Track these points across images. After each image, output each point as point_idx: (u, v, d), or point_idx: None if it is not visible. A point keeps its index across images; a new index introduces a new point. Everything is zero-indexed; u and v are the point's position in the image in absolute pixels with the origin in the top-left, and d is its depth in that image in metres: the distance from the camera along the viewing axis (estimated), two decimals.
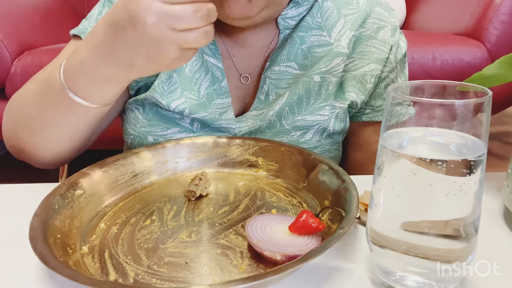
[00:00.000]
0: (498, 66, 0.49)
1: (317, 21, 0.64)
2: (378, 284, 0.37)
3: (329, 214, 0.45)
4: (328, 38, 0.64)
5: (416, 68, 1.36)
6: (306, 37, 0.64)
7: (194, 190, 0.51)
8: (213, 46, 0.65)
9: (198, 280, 0.38)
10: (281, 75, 0.64)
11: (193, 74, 0.64)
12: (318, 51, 0.64)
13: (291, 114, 0.64)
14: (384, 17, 0.65)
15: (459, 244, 0.34)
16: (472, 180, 0.32)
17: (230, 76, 0.66)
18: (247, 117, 0.65)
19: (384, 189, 0.35)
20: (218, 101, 0.65)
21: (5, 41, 1.48)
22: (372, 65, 0.64)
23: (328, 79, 0.63)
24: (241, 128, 0.65)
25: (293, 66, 0.64)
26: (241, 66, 0.67)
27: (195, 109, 0.64)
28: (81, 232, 0.45)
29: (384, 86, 0.65)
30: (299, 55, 0.64)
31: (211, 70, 0.65)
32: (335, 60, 0.63)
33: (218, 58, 0.65)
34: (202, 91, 0.64)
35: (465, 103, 0.32)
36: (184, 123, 0.65)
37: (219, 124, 0.65)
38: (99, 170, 0.53)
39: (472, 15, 1.45)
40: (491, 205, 0.50)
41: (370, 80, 0.64)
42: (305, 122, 0.64)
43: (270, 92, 0.65)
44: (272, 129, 0.64)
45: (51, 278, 0.39)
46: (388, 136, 0.35)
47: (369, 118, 0.67)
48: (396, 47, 0.65)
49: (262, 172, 0.58)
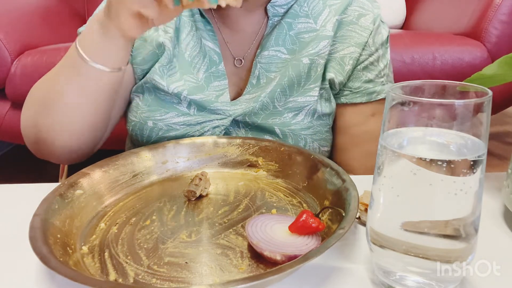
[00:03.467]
0: (498, 66, 0.49)
1: (304, 10, 0.68)
2: (378, 284, 0.37)
3: (329, 214, 0.45)
4: (314, 25, 0.68)
5: (416, 68, 1.36)
6: (294, 24, 0.68)
7: (194, 190, 0.51)
8: (211, 33, 0.69)
9: (198, 280, 0.38)
10: (271, 59, 0.68)
11: (192, 58, 0.69)
12: (305, 36, 0.68)
13: (283, 96, 0.67)
14: (366, 6, 0.68)
15: (459, 244, 0.34)
16: (472, 180, 0.32)
17: (226, 61, 0.70)
18: (241, 101, 0.69)
19: (384, 189, 0.35)
20: (215, 83, 0.69)
21: (5, 41, 1.48)
22: (351, 48, 0.67)
23: (317, 61, 0.67)
24: (235, 111, 0.68)
25: (282, 51, 0.68)
26: (235, 50, 0.71)
27: (193, 91, 0.67)
28: (81, 232, 0.45)
29: (362, 68, 0.68)
30: (288, 41, 0.68)
31: (208, 54, 0.69)
32: (322, 43, 0.67)
33: (215, 43, 0.69)
34: (200, 75, 0.68)
35: (465, 103, 0.32)
36: (182, 107, 0.68)
37: (215, 106, 0.67)
38: (99, 170, 0.53)
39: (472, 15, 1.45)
40: (491, 205, 0.50)
41: (349, 62, 0.67)
42: (296, 104, 0.67)
43: (261, 76, 0.68)
44: (265, 111, 0.67)
45: (51, 278, 0.39)
46: (388, 136, 0.35)
47: (347, 99, 0.69)
48: (376, 34, 0.68)
49: (262, 172, 0.58)
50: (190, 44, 0.69)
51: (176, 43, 0.68)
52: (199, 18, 0.69)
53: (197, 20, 0.69)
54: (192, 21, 0.69)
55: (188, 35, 0.69)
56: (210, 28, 0.69)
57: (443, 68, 1.36)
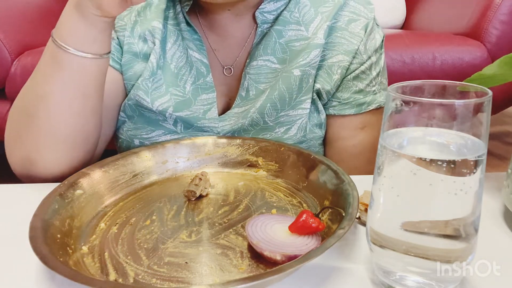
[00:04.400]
0: (498, 66, 0.49)
1: (295, 16, 0.65)
2: (378, 284, 0.37)
3: (329, 214, 0.45)
4: (305, 32, 0.64)
5: (416, 68, 1.36)
6: (284, 31, 0.65)
7: (194, 190, 0.51)
8: (198, 42, 0.66)
9: (198, 280, 0.38)
10: (260, 69, 0.65)
11: (179, 70, 0.66)
12: (296, 45, 0.64)
13: (274, 111, 0.64)
14: (358, 10, 0.64)
15: (459, 244, 0.34)
16: (472, 180, 0.32)
17: (214, 70, 0.67)
18: (229, 116, 0.66)
19: (384, 189, 0.35)
20: (203, 97, 0.66)
21: (5, 41, 1.48)
22: (340, 56, 0.63)
23: (308, 71, 0.63)
24: (224, 127, 0.66)
25: (272, 60, 0.65)
26: (223, 58, 0.68)
27: (179, 107, 0.65)
28: (81, 232, 0.45)
29: (352, 78, 0.64)
30: (278, 49, 0.65)
31: (195, 65, 0.66)
32: (313, 52, 0.63)
33: (203, 53, 0.66)
34: (187, 87, 0.66)
35: (465, 103, 0.32)
36: (168, 124, 0.66)
37: (202, 124, 0.65)
38: (99, 170, 0.53)
39: (472, 15, 1.45)
40: (491, 205, 0.50)
41: (337, 71, 0.63)
42: (288, 118, 0.64)
43: (250, 87, 0.65)
44: (256, 127, 0.65)
45: (51, 278, 0.39)
46: (388, 136, 0.35)
47: (336, 111, 0.66)
48: (368, 40, 0.64)
49: (262, 172, 0.58)
50: (176, 54, 0.66)
51: (162, 54, 0.66)
52: (185, 27, 0.66)
53: (183, 29, 0.66)
54: (178, 30, 0.67)
55: (173, 45, 0.66)
56: (196, 37, 0.66)
57: (443, 68, 1.37)
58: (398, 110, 0.34)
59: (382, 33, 0.67)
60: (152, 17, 0.67)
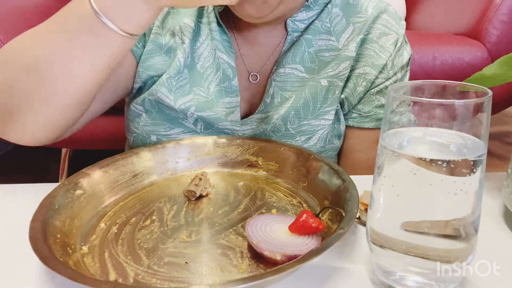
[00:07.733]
0: (498, 66, 0.49)
1: (326, 26, 0.64)
2: (378, 284, 0.37)
3: (329, 214, 0.45)
4: (336, 43, 0.64)
5: (416, 68, 1.36)
6: (314, 40, 0.64)
7: (194, 190, 0.51)
8: (227, 44, 0.65)
9: (198, 280, 0.38)
10: (287, 77, 0.64)
11: (204, 70, 0.64)
12: (326, 55, 0.64)
13: (297, 119, 0.63)
14: (391, 25, 0.64)
15: (459, 244, 0.34)
16: (472, 180, 0.32)
17: (240, 75, 0.66)
18: (252, 120, 0.65)
19: (384, 189, 0.35)
20: (226, 100, 0.65)
21: (5, 41, 1.48)
22: (367, 68, 0.63)
23: (336, 83, 0.63)
24: (245, 131, 0.65)
25: (299, 69, 0.64)
26: (250, 65, 0.67)
27: (201, 107, 0.63)
28: (81, 232, 0.45)
29: (376, 92, 0.64)
30: (306, 58, 0.64)
31: (222, 67, 0.65)
32: (343, 64, 0.63)
33: (231, 56, 0.65)
34: (211, 88, 0.64)
35: (465, 103, 0.32)
36: (188, 123, 0.65)
37: (224, 125, 0.64)
38: (99, 170, 0.53)
39: (472, 15, 1.45)
40: (491, 205, 0.50)
41: (362, 84, 0.63)
42: (310, 127, 0.64)
43: (276, 94, 0.64)
44: (277, 133, 0.64)
45: (51, 278, 0.39)
46: (388, 136, 0.35)
47: (355, 122, 0.66)
48: (396, 56, 0.64)
49: (262, 172, 0.58)
50: (204, 54, 0.65)
51: (190, 52, 0.64)
52: (215, 26, 0.64)
53: (213, 29, 0.64)
54: (208, 29, 0.65)
55: (202, 44, 0.65)
56: (226, 38, 0.65)
57: (443, 68, 1.36)
58: (398, 110, 0.34)
59: (410, 51, 0.67)
60: (185, 12, 0.65)
